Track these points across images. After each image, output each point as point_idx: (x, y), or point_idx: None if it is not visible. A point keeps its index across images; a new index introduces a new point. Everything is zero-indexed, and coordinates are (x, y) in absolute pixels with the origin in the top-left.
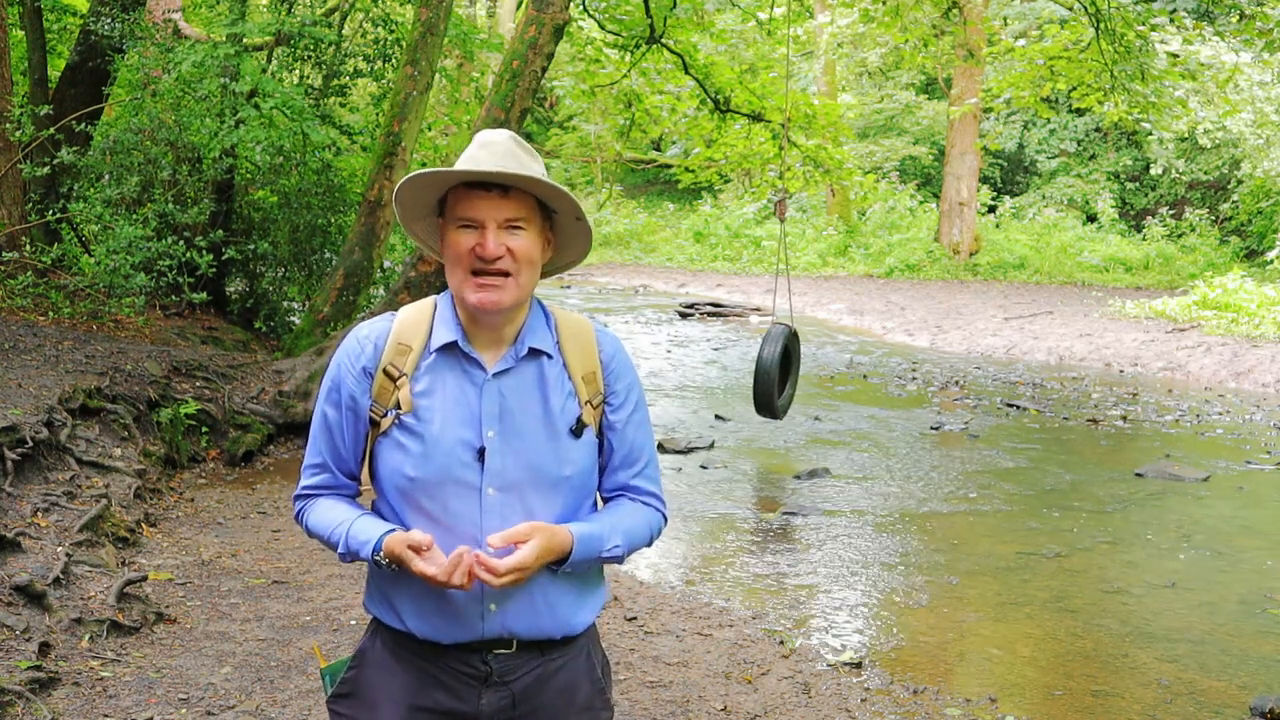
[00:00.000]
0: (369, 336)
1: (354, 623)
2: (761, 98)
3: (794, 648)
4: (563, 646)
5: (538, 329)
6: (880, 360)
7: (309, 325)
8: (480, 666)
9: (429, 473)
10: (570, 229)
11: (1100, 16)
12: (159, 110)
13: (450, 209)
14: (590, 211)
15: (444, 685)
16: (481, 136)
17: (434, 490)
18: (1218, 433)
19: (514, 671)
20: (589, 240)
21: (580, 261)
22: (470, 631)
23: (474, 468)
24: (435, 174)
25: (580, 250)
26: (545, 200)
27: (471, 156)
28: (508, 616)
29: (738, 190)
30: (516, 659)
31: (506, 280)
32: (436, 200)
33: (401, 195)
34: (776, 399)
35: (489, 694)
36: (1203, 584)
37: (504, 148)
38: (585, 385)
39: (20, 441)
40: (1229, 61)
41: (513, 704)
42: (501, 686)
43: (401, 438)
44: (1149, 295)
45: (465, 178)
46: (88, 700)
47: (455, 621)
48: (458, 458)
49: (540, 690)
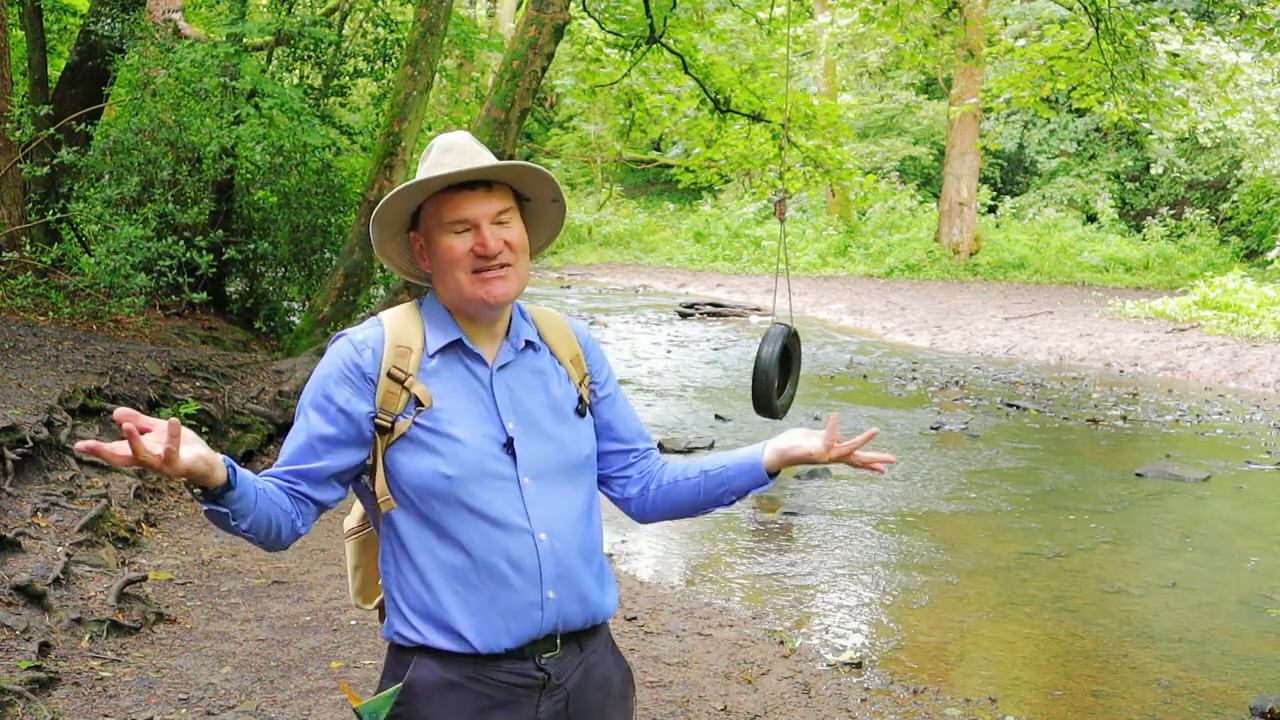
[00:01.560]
0: (365, 341)
1: (354, 623)
2: (761, 98)
3: (794, 648)
4: (594, 638)
5: (521, 323)
6: (880, 360)
7: (309, 325)
8: (536, 674)
9: (465, 470)
10: (544, 212)
11: (1100, 16)
12: (159, 110)
13: (432, 217)
14: (590, 211)
15: (502, 703)
16: (441, 141)
17: (473, 487)
18: (1218, 433)
19: (565, 672)
20: (562, 220)
21: (551, 243)
22: (530, 626)
23: (506, 460)
24: (422, 183)
25: (553, 230)
26: (523, 188)
27: (440, 162)
28: (563, 604)
29: (738, 190)
30: (563, 659)
31: (509, 270)
32: (409, 215)
33: (383, 213)
34: (775, 399)
35: (546, 700)
36: (1203, 584)
37: (470, 148)
38: (574, 368)
39: (20, 441)
40: (1229, 61)
41: (566, 706)
42: (557, 689)
43: (425, 439)
44: (1149, 295)
45: (456, 179)
46: (88, 700)
47: (515, 617)
48: (488, 452)
49: (586, 686)
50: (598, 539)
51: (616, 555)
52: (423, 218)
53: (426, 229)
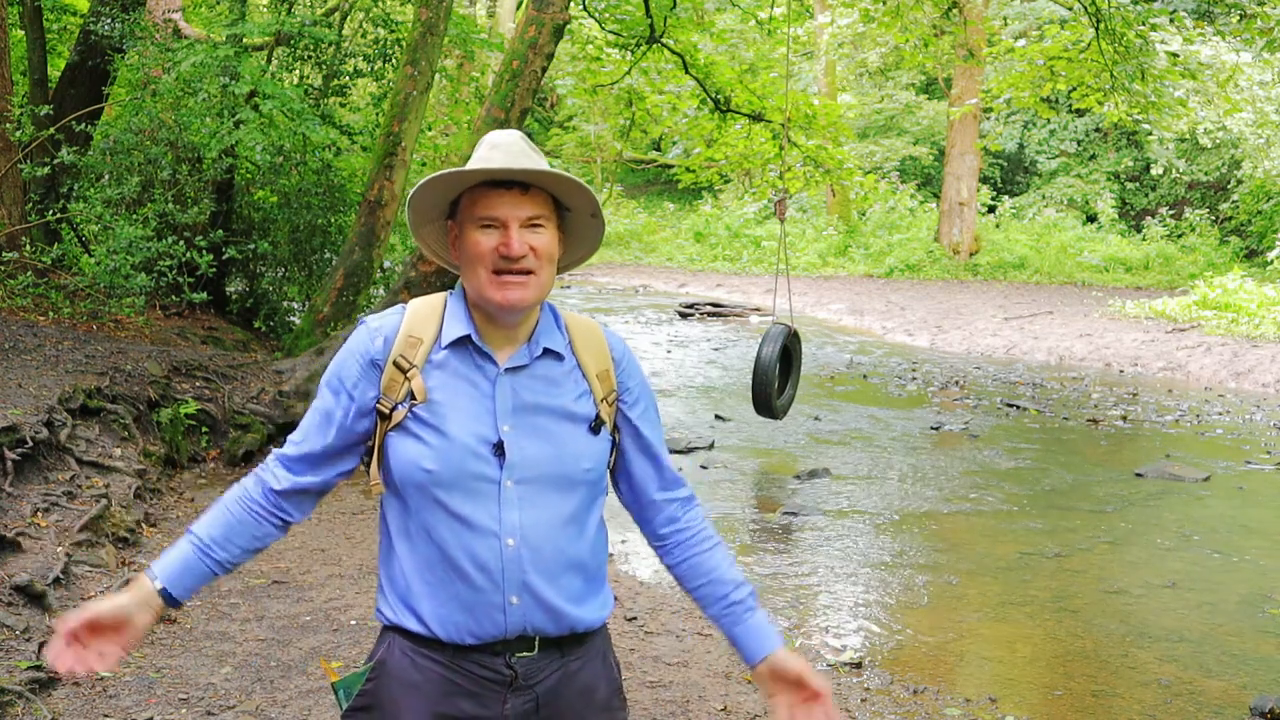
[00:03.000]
0: (380, 329)
1: (354, 623)
2: (761, 98)
3: (794, 648)
4: (580, 646)
5: (550, 330)
6: (880, 360)
7: (309, 325)
8: (504, 670)
9: (446, 466)
10: (583, 225)
11: (1100, 16)
12: (159, 110)
13: (467, 210)
14: None
15: (468, 692)
16: (492, 137)
17: (451, 483)
18: (1218, 433)
19: (537, 674)
20: (600, 236)
21: (590, 258)
22: (494, 627)
23: (492, 462)
24: (455, 174)
25: (591, 246)
26: (561, 197)
27: (485, 158)
28: (527, 611)
29: (738, 190)
30: (539, 661)
31: (530, 278)
32: (449, 203)
33: (417, 198)
34: (775, 399)
35: (514, 699)
36: (1203, 584)
37: (517, 147)
38: (600, 383)
39: (20, 441)
40: (1229, 61)
41: (536, 708)
42: (526, 690)
43: (416, 429)
44: (1149, 295)
45: (489, 176)
46: (88, 700)
47: (477, 616)
48: (474, 451)
49: (562, 692)
50: (587, 552)
51: (616, 555)
52: (459, 209)
53: (460, 220)
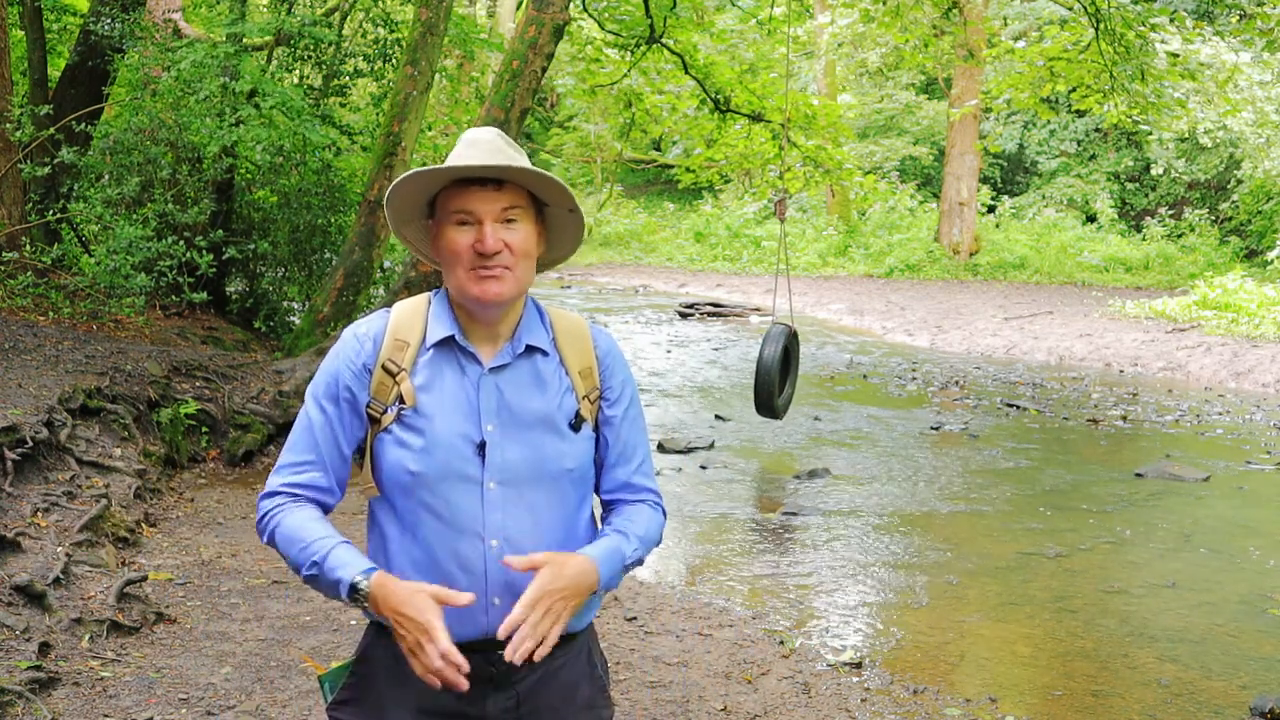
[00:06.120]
0: (367, 334)
1: (354, 623)
2: (761, 98)
3: (794, 648)
4: (564, 645)
5: (533, 326)
6: (880, 360)
7: (309, 325)
8: (486, 668)
9: (430, 467)
10: (562, 221)
11: (1100, 17)
12: (159, 110)
13: (443, 207)
14: (590, 211)
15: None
16: (468, 135)
17: (435, 485)
18: (1218, 433)
19: (519, 672)
20: (581, 232)
21: (573, 254)
22: (475, 627)
23: (474, 462)
24: (429, 172)
25: (572, 242)
26: (537, 193)
27: (460, 155)
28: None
29: (738, 190)
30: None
31: (506, 273)
32: (427, 201)
33: (393, 197)
34: (776, 399)
35: (495, 695)
36: (1203, 584)
37: (492, 144)
38: (582, 380)
39: (20, 441)
40: (1229, 61)
41: (517, 705)
42: (507, 688)
43: (402, 433)
44: (1149, 295)
45: (460, 174)
46: (88, 700)
47: (460, 616)
48: (458, 452)
49: (544, 690)
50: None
51: None
52: (437, 207)
53: (438, 218)
